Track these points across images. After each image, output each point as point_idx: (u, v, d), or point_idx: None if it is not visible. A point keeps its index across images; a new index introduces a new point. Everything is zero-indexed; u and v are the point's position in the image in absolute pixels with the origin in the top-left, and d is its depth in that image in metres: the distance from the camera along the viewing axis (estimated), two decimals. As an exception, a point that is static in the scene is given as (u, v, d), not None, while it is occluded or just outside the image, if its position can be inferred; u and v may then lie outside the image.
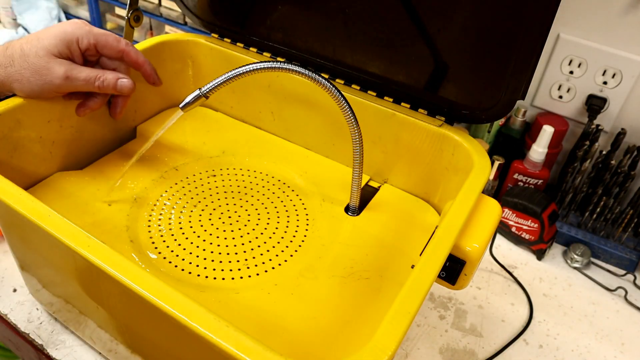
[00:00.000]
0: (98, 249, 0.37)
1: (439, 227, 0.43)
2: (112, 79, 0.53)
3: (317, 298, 0.48)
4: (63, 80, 0.50)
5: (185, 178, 0.60)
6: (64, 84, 0.50)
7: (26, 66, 0.49)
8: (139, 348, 0.47)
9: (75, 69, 0.51)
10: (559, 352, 0.64)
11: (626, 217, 0.75)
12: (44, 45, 0.49)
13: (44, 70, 0.49)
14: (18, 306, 0.60)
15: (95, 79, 0.52)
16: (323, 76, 0.49)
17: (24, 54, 0.49)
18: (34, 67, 0.49)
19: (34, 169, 0.55)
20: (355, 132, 0.51)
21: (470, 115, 0.55)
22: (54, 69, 0.49)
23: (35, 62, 0.49)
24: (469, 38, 0.52)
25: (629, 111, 0.77)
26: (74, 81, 0.51)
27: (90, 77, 0.51)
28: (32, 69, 0.49)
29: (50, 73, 0.49)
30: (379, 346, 0.33)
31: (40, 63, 0.49)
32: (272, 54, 0.65)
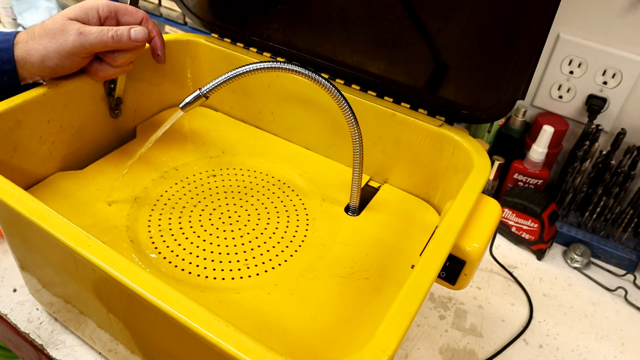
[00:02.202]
0: (98, 249, 0.37)
1: (439, 227, 0.43)
2: (125, 29, 0.52)
3: (317, 298, 0.48)
4: (76, 36, 0.49)
5: (185, 178, 0.60)
6: (77, 41, 0.50)
7: (43, 34, 0.50)
8: (139, 348, 0.47)
9: (87, 27, 0.51)
10: (559, 352, 0.64)
11: (626, 217, 0.75)
12: (62, 13, 0.51)
13: (58, 32, 0.50)
14: (18, 306, 0.60)
15: (108, 30, 0.51)
16: (323, 76, 0.49)
17: (43, 24, 0.50)
18: (50, 31, 0.50)
19: (34, 169, 0.55)
20: (355, 132, 0.51)
21: (470, 115, 0.55)
22: (67, 28, 0.50)
23: (51, 26, 0.50)
24: (469, 38, 0.52)
25: (629, 111, 0.77)
26: (87, 35, 0.50)
27: (103, 29, 0.51)
28: (48, 34, 0.50)
29: (63, 33, 0.50)
30: (379, 346, 0.33)
31: (55, 26, 0.50)
32: (272, 54, 0.65)
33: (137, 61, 0.61)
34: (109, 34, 0.51)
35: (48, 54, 0.50)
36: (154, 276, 0.35)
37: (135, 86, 0.63)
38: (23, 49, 0.50)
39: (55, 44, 0.50)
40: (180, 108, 0.53)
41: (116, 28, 0.51)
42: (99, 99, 0.59)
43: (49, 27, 0.50)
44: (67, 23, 0.50)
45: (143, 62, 0.63)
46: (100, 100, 0.60)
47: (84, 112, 0.58)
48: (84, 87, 0.57)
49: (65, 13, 0.50)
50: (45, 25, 0.50)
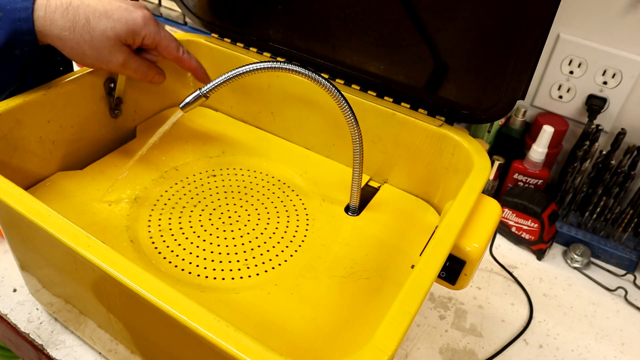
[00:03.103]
0: (98, 249, 0.37)
1: (439, 227, 0.43)
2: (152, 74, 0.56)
3: (317, 298, 0.48)
4: (119, 67, 0.52)
5: (185, 178, 0.60)
6: (116, 68, 0.52)
7: (88, 39, 0.49)
8: (139, 348, 0.47)
9: (132, 60, 0.53)
10: (559, 352, 0.64)
11: (626, 217, 0.75)
12: (115, 28, 0.50)
13: (105, 51, 0.50)
14: (18, 306, 0.60)
15: (144, 76, 0.55)
16: (323, 76, 0.49)
17: (90, 27, 0.49)
18: (97, 45, 0.50)
19: (34, 169, 0.55)
20: (355, 132, 0.51)
21: (470, 115, 0.55)
22: (115, 55, 0.51)
23: (101, 42, 0.50)
24: (469, 38, 0.52)
25: (629, 111, 0.77)
26: (127, 70, 0.53)
27: (142, 73, 0.54)
28: (93, 45, 0.50)
29: (110, 57, 0.51)
30: (379, 346, 0.33)
31: (105, 44, 0.50)
32: (272, 54, 0.65)
33: (137, 61, 0.61)
34: (148, 79, 0.56)
35: (84, 60, 0.51)
36: (154, 276, 0.35)
37: (135, 86, 0.63)
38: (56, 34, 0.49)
39: (95, 59, 0.51)
40: (180, 108, 0.53)
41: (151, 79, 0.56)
42: (99, 99, 0.59)
43: (98, 39, 0.49)
44: (116, 47, 0.51)
45: (143, 62, 0.63)
46: (100, 100, 0.60)
47: (84, 112, 0.58)
48: (84, 87, 0.57)
49: (117, 33, 0.50)
50: (93, 30, 0.49)
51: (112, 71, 0.54)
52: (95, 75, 0.58)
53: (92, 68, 0.53)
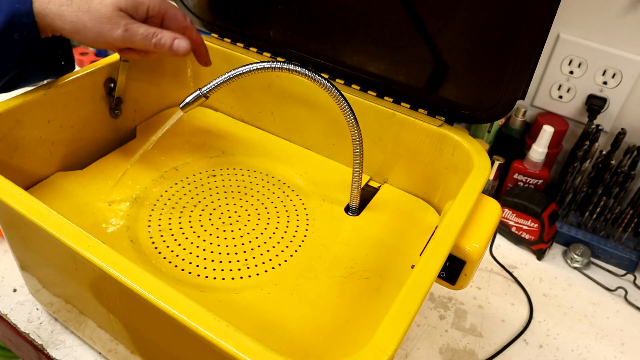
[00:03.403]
0: (98, 249, 0.37)
1: (439, 227, 0.43)
2: (169, 38, 0.50)
3: (317, 298, 0.48)
4: (122, 32, 0.49)
5: (185, 178, 0.60)
6: (120, 37, 0.49)
7: (86, 10, 0.48)
8: (139, 348, 0.47)
9: (134, 24, 0.49)
10: (559, 352, 0.64)
11: (626, 217, 0.75)
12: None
13: (104, 19, 0.48)
14: (18, 306, 0.60)
15: (153, 36, 0.50)
16: (323, 76, 0.49)
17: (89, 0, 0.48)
18: (96, 14, 0.48)
19: (34, 169, 0.55)
20: (355, 132, 0.51)
21: (470, 115, 0.55)
22: (115, 20, 0.48)
23: (99, 9, 0.48)
24: (469, 38, 0.52)
25: (629, 111, 0.77)
26: (132, 35, 0.49)
27: (149, 32, 0.50)
28: (92, 15, 0.48)
29: (110, 24, 0.48)
30: (379, 346, 0.33)
31: (103, 11, 0.48)
32: (272, 54, 0.65)
33: (137, 61, 0.61)
34: (153, 41, 0.50)
35: (86, 34, 0.48)
36: (154, 276, 0.35)
37: (135, 86, 0.63)
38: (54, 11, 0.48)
39: (97, 29, 0.48)
40: (180, 108, 0.53)
41: (161, 35, 0.50)
42: (99, 99, 0.59)
43: (96, 8, 0.48)
44: (116, 14, 0.48)
45: (143, 62, 0.63)
46: (100, 100, 0.60)
47: (84, 112, 0.58)
48: (84, 87, 0.57)
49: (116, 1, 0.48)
50: (91, 1, 0.48)
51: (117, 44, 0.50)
52: (95, 75, 0.58)
53: (95, 46, 0.50)
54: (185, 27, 0.54)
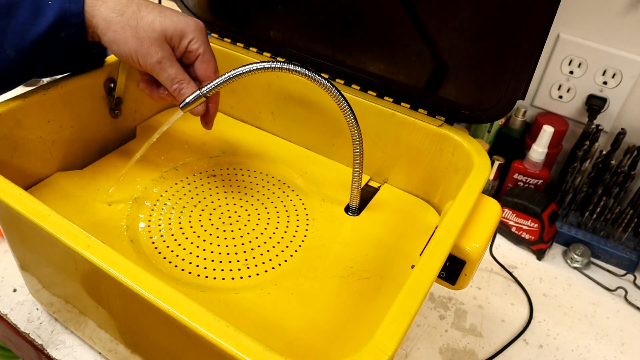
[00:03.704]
0: (98, 249, 0.37)
1: (439, 227, 0.43)
2: (187, 93, 0.51)
3: (317, 298, 0.48)
4: (154, 63, 0.49)
5: (185, 178, 0.60)
6: (151, 66, 0.49)
7: (134, 25, 0.48)
8: (139, 348, 0.47)
9: (169, 61, 0.49)
10: (559, 352, 0.64)
11: (626, 217, 0.75)
12: (163, 23, 0.48)
13: (146, 44, 0.48)
14: (18, 306, 0.60)
15: (177, 82, 0.50)
16: (323, 76, 0.49)
17: (140, 15, 0.48)
18: (141, 35, 0.48)
19: (34, 169, 0.55)
20: (355, 132, 0.51)
21: (470, 115, 0.55)
22: (154, 50, 0.48)
23: (146, 30, 0.48)
24: (469, 38, 0.52)
25: (629, 111, 0.77)
26: (161, 71, 0.49)
27: (175, 78, 0.50)
28: (137, 33, 0.48)
29: (149, 50, 0.48)
30: (379, 346, 0.33)
31: (148, 36, 0.48)
32: (272, 54, 0.65)
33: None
34: (174, 87, 0.50)
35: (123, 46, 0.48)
36: (154, 276, 0.35)
37: (136, 86, 0.63)
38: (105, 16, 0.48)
39: (133, 49, 0.48)
40: (180, 108, 0.53)
41: (184, 86, 0.50)
42: (99, 99, 0.59)
43: (143, 28, 0.48)
44: (160, 41, 0.48)
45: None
46: (100, 100, 0.60)
47: (84, 112, 0.58)
48: (84, 87, 0.57)
49: (165, 29, 0.48)
50: (141, 19, 0.48)
51: (145, 69, 0.50)
52: (95, 75, 0.58)
53: (126, 61, 0.50)
54: (210, 78, 0.52)
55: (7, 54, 0.47)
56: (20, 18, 0.47)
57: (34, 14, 0.47)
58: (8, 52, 0.47)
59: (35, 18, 0.47)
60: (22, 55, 0.47)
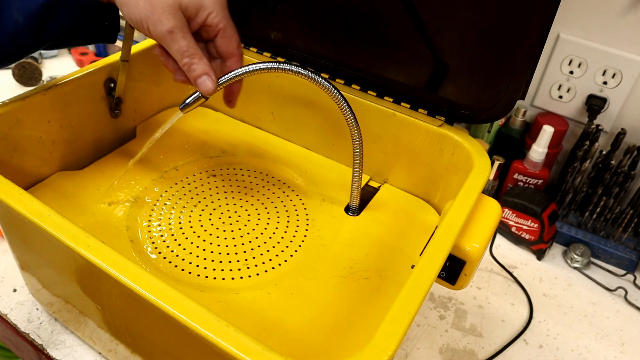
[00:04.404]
0: (98, 249, 0.37)
1: (439, 227, 0.43)
2: (199, 71, 0.46)
3: (317, 298, 0.48)
4: (165, 32, 0.45)
5: (185, 178, 0.60)
6: (159, 35, 0.45)
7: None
8: (139, 348, 0.47)
9: (181, 32, 0.45)
10: (559, 352, 0.64)
11: (626, 217, 0.75)
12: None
13: (158, 10, 0.44)
14: (18, 306, 0.60)
15: (188, 56, 0.46)
16: (323, 76, 0.49)
17: None
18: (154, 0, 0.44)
19: (34, 169, 0.55)
20: (355, 132, 0.51)
21: (470, 115, 0.55)
22: (167, 17, 0.44)
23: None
24: (469, 38, 0.52)
25: (629, 111, 0.77)
26: (171, 42, 0.45)
27: (186, 51, 0.46)
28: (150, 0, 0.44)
29: (160, 18, 0.44)
30: (379, 346, 0.33)
31: (161, 2, 0.44)
32: (272, 54, 0.65)
33: (137, 61, 0.61)
34: (184, 60, 0.46)
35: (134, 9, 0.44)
36: (154, 276, 0.35)
37: (135, 86, 0.63)
38: None
39: (144, 14, 0.44)
40: (180, 109, 0.52)
41: (195, 61, 0.46)
42: (99, 99, 0.59)
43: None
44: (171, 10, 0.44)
45: (143, 61, 0.63)
46: (100, 100, 0.60)
47: (84, 112, 0.58)
48: (84, 87, 0.57)
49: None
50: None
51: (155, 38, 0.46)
52: (95, 75, 0.58)
53: (136, 26, 0.46)
54: (233, 53, 0.49)
55: (15, 19, 0.45)
56: None
57: None
58: (16, 17, 0.45)
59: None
60: (31, 20, 0.45)
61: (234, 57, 0.49)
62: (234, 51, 0.49)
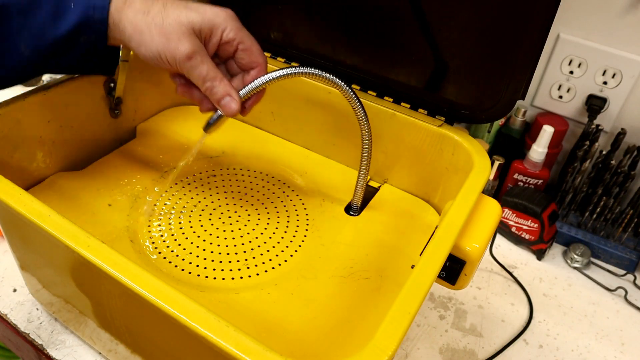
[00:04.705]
0: (98, 249, 0.37)
1: (439, 227, 0.43)
2: (222, 93, 0.47)
3: (317, 298, 0.48)
4: (185, 59, 0.45)
5: (185, 178, 0.60)
6: (181, 63, 0.45)
7: (159, 23, 0.45)
8: (139, 348, 0.47)
9: (200, 56, 0.45)
10: (559, 352, 0.64)
11: (626, 217, 0.75)
12: (189, 16, 0.45)
13: (173, 37, 0.44)
14: (18, 306, 0.60)
15: (209, 80, 0.46)
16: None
17: (165, 11, 0.45)
18: (167, 28, 0.44)
19: (34, 169, 0.55)
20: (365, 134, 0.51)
21: (470, 115, 0.55)
22: (184, 43, 0.44)
23: (171, 25, 0.44)
24: (469, 38, 0.52)
25: (629, 111, 0.77)
26: (191, 68, 0.45)
27: (208, 74, 0.46)
28: (163, 29, 0.44)
29: (177, 45, 0.44)
30: (379, 346, 0.33)
31: (175, 28, 0.44)
32: (272, 54, 0.65)
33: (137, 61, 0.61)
34: (206, 85, 0.46)
35: (150, 45, 0.45)
36: (154, 276, 0.35)
37: (135, 86, 0.63)
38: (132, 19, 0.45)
39: (161, 46, 0.45)
40: (204, 130, 0.51)
41: (216, 84, 0.46)
42: (99, 99, 0.59)
43: (169, 23, 0.44)
44: (186, 35, 0.45)
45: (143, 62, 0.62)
46: (100, 100, 0.60)
47: (84, 112, 0.58)
48: (84, 87, 0.57)
49: (191, 20, 0.45)
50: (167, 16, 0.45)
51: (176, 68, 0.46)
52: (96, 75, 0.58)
53: (157, 63, 0.46)
54: (257, 64, 0.49)
55: (22, 53, 0.45)
56: (39, 18, 0.45)
57: (55, 15, 0.45)
58: (23, 50, 0.45)
59: (55, 20, 0.45)
60: (38, 56, 0.46)
61: (259, 66, 0.49)
62: (256, 60, 0.49)
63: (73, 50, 0.47)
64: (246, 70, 0.49)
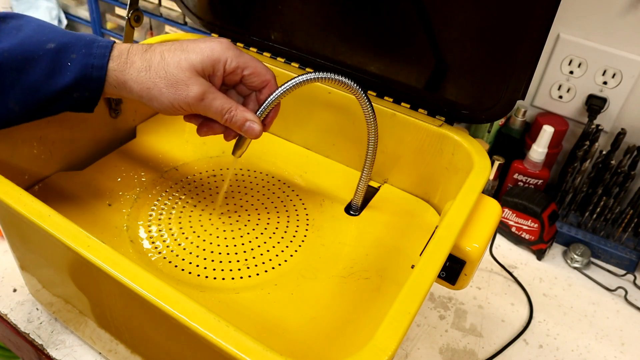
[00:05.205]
0: (98, 249, 0.37)
1: (439, 227, 0.43)
2: (241, 120, 0.47)
3: (317, 298, 0.48)
4: (197, 101, 0.45)
5: (185, 178, 0.60)
6: (195, 106, 0.46)
7: (163, 75, 0.45)
8: (139, 348, 0.47)
9: (211, 94, 0.46)
10: (559, 352, 0.64)
11: (626, 217, 0.75)
12: (189, 58, 0.46)
13: (181, 84, 0.45)
14: (18, 306, 0.60)
15: (226, 112, 0.47)
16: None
17: (165, 62, 0.45)
18: (172, 78, 0.45)
19: (34, 169, 0.55)
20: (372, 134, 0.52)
21: (470, 115, 0.55)
22: (192, 87, 0.45)
23: (175, 74, 0.45)
24: (469, 38, 0.52)
25: (629, 111, 0.77)
26: (206, 107, 0.46)
27: (223, 108, 0.47)
28: (168, 80, 0.45)
29: (186, 90, 0.45)
30: (379, 346, 0.33)
31: (179, 76, 0.45)
32: (272, 54, 0.65)
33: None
34: (225, 117, 0.47)
35: (161, 98, 0.45)
36: (154, 276, 0.35)
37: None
38: (134, 77, 0.45)
39: (172, 95, 0.45)
40: (233, 154, 0.51)
41: (234, 113, 0.47)
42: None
43: (172, 72, 0.45)
44: (193, 79, 0.45)
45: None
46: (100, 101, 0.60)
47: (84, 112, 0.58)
48: (84, 87, 0.57)
49: (192, 62, 0.45)
50: (167, 65, 0.45)
51: (192, 111, 0.47)
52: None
53: (172, 112, 0.47)
54: (267, 81, 0.50)
55: (11, 108, 0.45)
56: (33, 76, 0.44)
57: (50, 73, 0.44)
58: (12, 106, 0.45)
59: (50, 77, 0.44)
60: (27, 110, 0.45)
61: (269, 83, 0.50)
62: (265, 79, 0.49)
63: (62, 103, 0.46)
64: (258, 90, 0.50)
